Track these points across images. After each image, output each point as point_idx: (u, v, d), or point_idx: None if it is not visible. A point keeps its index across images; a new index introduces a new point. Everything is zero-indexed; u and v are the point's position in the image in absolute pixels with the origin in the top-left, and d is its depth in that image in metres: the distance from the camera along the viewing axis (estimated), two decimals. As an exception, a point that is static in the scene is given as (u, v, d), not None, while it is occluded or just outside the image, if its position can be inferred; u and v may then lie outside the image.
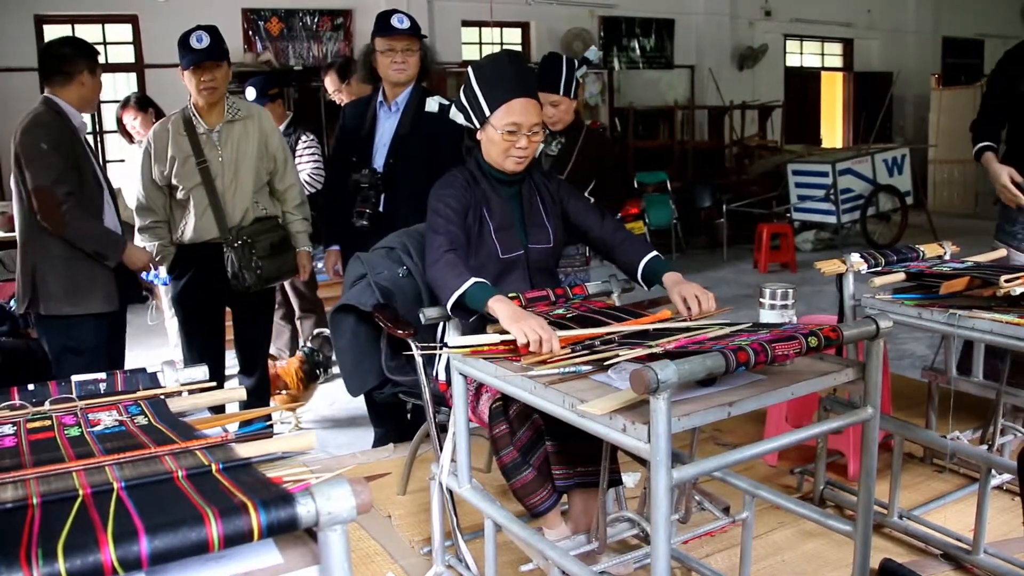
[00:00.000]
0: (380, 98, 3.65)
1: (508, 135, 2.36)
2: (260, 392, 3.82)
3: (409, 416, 3.77)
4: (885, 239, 9.65)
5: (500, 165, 2.42)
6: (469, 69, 2.47)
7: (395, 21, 3.53)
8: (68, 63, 3.22)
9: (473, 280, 2.16)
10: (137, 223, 3.61)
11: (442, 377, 2.47)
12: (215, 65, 3.46)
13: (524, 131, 2.36)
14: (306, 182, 4.76)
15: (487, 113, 2.37)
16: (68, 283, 3.18)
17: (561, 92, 3.47)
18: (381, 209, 3.56)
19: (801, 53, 13.58)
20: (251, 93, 4.83)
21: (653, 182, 9.84)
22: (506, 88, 2.36)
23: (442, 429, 2.38)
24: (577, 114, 3.68)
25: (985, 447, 2.91)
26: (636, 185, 9.68)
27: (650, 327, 2.10)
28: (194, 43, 3.40)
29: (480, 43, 10.51)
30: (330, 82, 4.94)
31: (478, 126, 2.42)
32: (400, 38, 3.53)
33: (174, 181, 3.49)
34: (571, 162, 3.55)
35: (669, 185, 9.83)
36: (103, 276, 3.24)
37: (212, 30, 3.47)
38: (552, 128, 3.54)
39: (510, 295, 2.24)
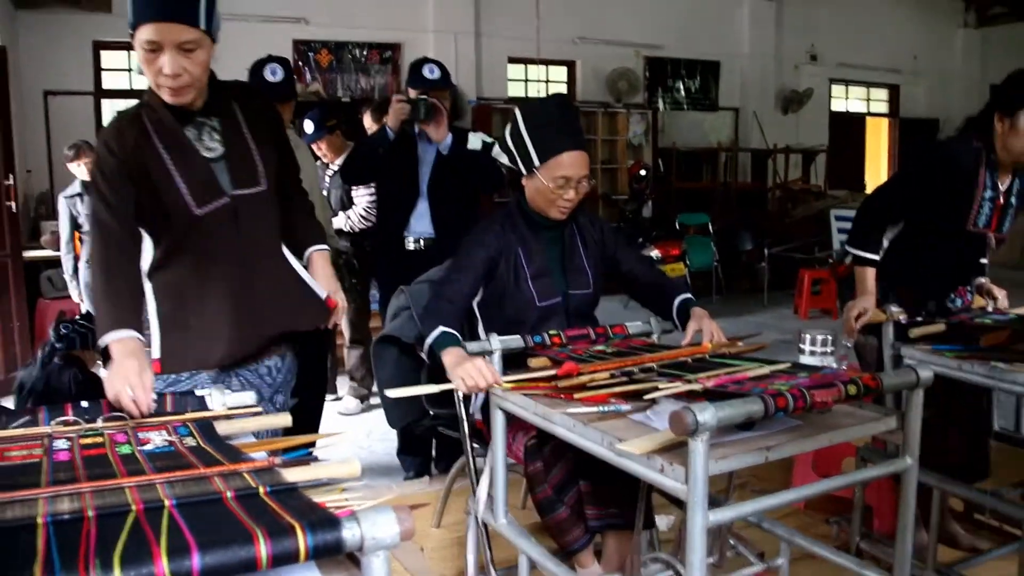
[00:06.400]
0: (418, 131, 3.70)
1: (557, 187, 2.38)
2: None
3: (435, 451, 3.82)
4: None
5: (544, 212, 2.44)
6: (518, 113, 2.46)
7: (426, 72, 3.61)
8: None
9: (440, 330, 2.26)
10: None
11: (478, 415, 2.49)
12: (287, 104, 3.56)
13: (573, 183, 2.39)
14: (361, 216, 4.83)
15: (536, 162, 2.38)
16: None
17: None
18: (428, 236, 3.63)
19: (846, 98, 13.55)
20: (309, 126, 4.90)
21: (695, 224, 9.84)
22: (557, 139, 2.37)
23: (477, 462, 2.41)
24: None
25: (1027, 503, 2.86)
26: (678, 226, 9.68)
27: (689, 359, 2.12)
28: (269, 76, 3.48)
29: (526, 80, 10.63)
30: (368, 120, 5.02)
31: (524, 172, 2.44)
32: (432, 90, 3.60)
33: None
34: None
35: (711, 227, 9.82)
36: None
37: (285, 64, 3.54)
38: None
39: (550, 332, 2.29)
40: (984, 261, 3.07)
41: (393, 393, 2.19)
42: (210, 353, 2.10)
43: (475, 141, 3.44)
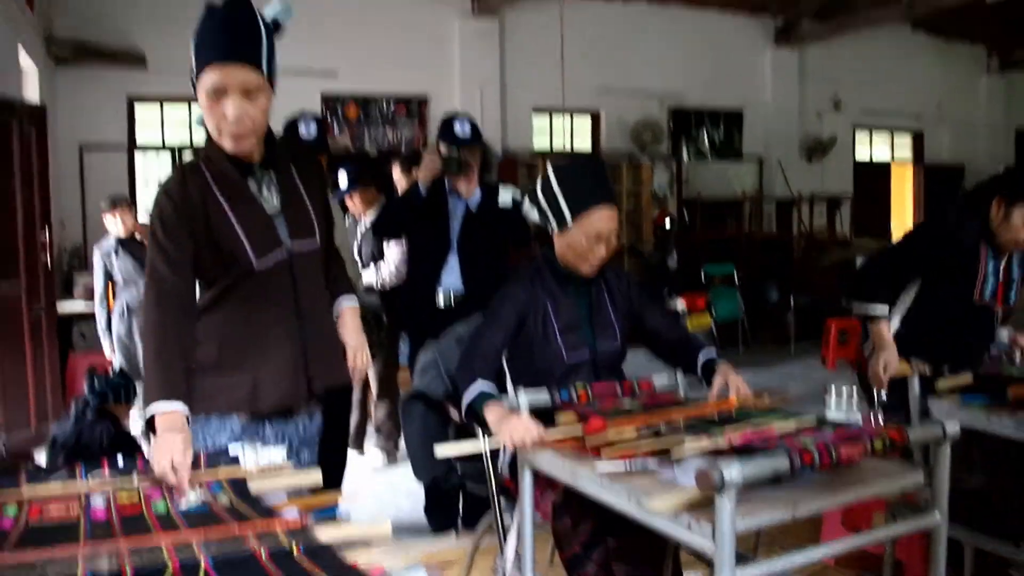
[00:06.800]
0: (449, 186, 3.75)
1: (589, 243, 2.42)
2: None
3: (461, 508, 3.82)
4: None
5: (574, 267, 2.47)
6: (550, 171, 2.51)
7: (457, 128, 3.67)
8: None
9: (479, 389, 2.29)
10: None
11: (506, 472, 2.50)
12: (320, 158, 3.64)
13: (604, 238, 2.43)
14: (392, 272, 4.87)
15: (568, 219, 2.43)
16: None
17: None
18: (457, 290, 3.66)
19: (870, 145, 13.56)
20: (343, 180, 4.95)
21: (720, 274, 9.82)
22: (589, 196, 2.42)
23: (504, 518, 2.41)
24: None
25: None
26: (703, 277, 9.66)
27: (715, 414, 2.13)
28: (304, 131, 3.55)
29: (551, 130, 10.74)
30: (397, 173, 5.08)
31: (556, 228, 2.49)
32: (462, 146, 3.66)
33: None
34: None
35: (736, 277, 9.80)
36: None
37: (319, 119, 3.61)
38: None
39: (578, 387, 2.31)
40: (996, 331, 3.07)
41: (442, 451, 2.19)
42: (253, 398, 2.10)
43: (506, 196, 3.50)
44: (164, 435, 1.80)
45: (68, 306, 6.75)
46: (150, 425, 1.86)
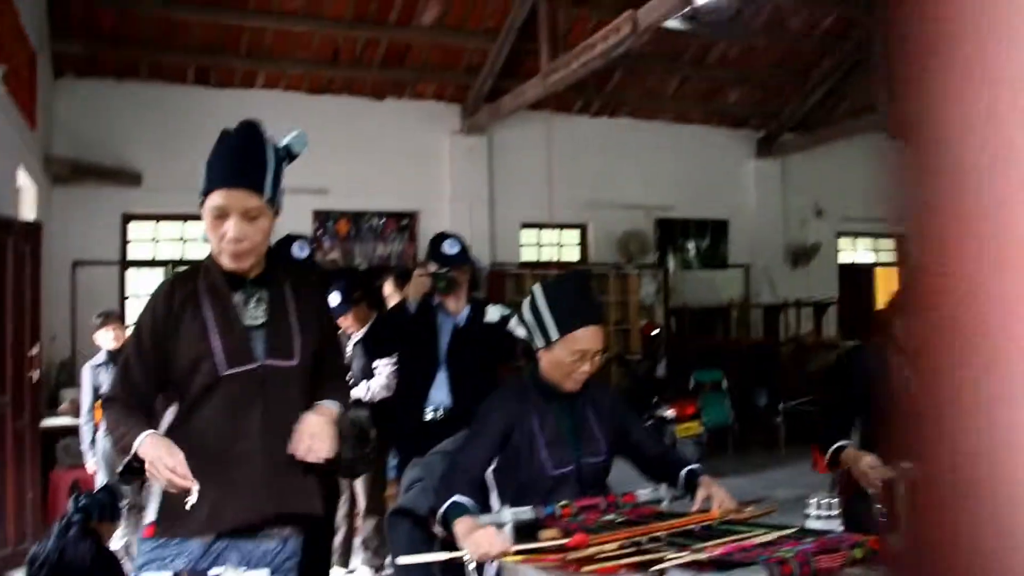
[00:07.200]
0: (438, 303, 3.81)
1: (573, 360, 2.47)
2: None
3: None
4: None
5: (560, 383, 2.52)
6: (537, 289, 2.58)
7: (447, 248, 3.75)
8: None
9: (453, 500, 2.32)
10: None
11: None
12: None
13: (589, 356, 2.48)
14: (382, 385, 4.89)
15: (554, 337, 2.48)
16: None
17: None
18: (446, 406, 3.68)
19: (854, 249, 13.76)
20: (336, 298, 4.99)
21: (709, 380, 9.83)
22: (576, 315, 2.48)
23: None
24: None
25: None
26: (692, 384, 9.67)
27: (697, 527, 2.14)
28: (297, 252, 3.62)
29: (539, 244, 10.89)
30: (388, 288, 5.15)
31: (542, 345, 2.53)
32: (451, 265, 3.74)
33: None
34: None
35: (725, 383, 9.82)
36: None
37: (310, 240, 3.69)
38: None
39: (561, 503, 2.32)
40: None
41: (403, 560, 2.21)
42: (213, 516, 2.08)
43: (493, 313, 3.56)
44: (150, 452, 1.97)
45: (52, 421, 6.71)
46: (134, 467, 1.99)
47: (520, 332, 2.58)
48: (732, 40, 10.34)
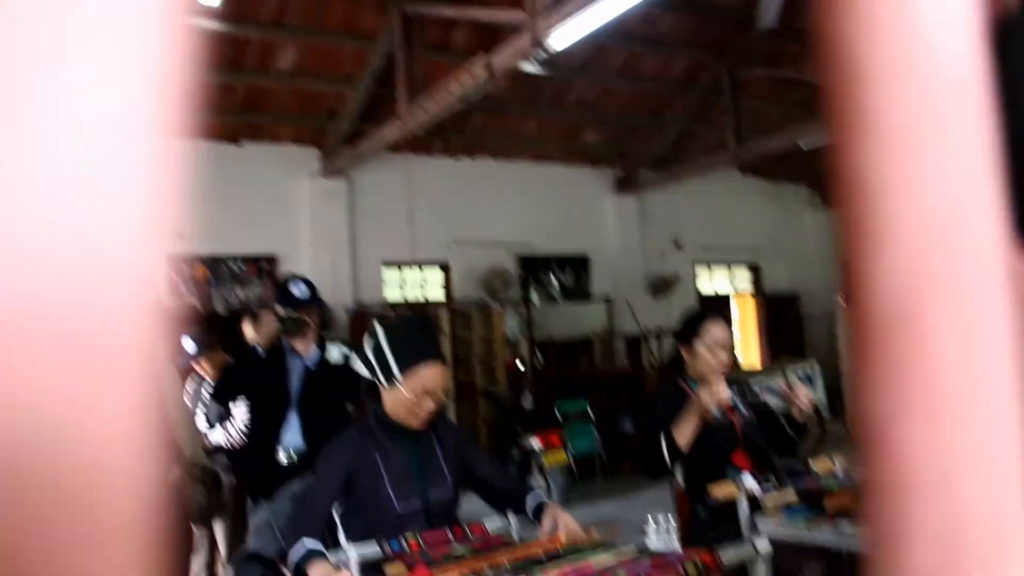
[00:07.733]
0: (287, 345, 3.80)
1: (417, 398, 2.50)
2: None
3: None
4: (805, 452, 9.78)
5: (404, 421, 2.54)
6: (379, 329, 2.61)
7: (294, 290, 3.75)
8: None
9: (305, 548, 2.29)
10: None
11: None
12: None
13: (432, 394, 2.51)
14: (240, 430, 4.79)
15: (396, 375, 2.51)
16: None
17: None
18: (299, 448, 3.65)
19: (711, 279, 14.28)
20: (190, 345, 4.92)
21: (574, 410, 9.97)
22: (417, 354, 2.53)
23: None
24: None
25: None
26: (558, 414, 9.79)
27: (542, 553, 2.19)
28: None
29: (402, 283, 10.89)
30: (248, 330, 5.08)
31: (385, 384, 2.55)
32: (300, 308, 3.74)
33: None
34: None
35: (591, 413, 9.97)
36: None
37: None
38: None
39: (408, 537, 2.33)
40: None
41: None
42: None
43: (334, 353, 3.56)
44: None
45: None
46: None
47: (363, 371, 2.59)
48: (589, 83, 10.66)
